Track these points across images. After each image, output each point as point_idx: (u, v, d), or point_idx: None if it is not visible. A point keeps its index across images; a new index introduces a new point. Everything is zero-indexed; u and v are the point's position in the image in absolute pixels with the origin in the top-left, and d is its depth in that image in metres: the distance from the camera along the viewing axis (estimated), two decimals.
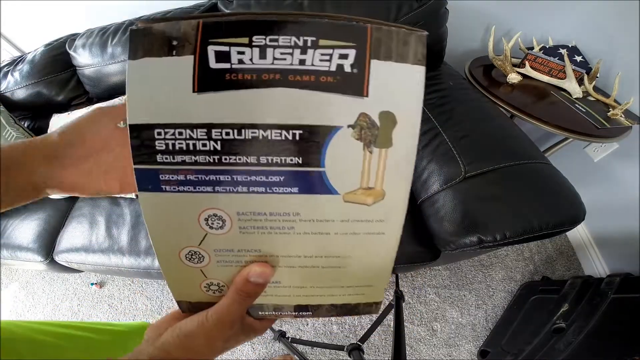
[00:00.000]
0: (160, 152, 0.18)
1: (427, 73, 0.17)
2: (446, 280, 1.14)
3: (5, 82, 1.11)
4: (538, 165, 0.63)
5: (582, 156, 1.11)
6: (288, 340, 0.86)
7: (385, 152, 0.17)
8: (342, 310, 0.24)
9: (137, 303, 1.25)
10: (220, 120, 0.17)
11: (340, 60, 0.16)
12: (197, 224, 0.20)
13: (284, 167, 0.18)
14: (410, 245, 0.73)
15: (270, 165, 0.18)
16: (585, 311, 0.77)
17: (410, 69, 0.16)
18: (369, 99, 0.17)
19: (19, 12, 1.12)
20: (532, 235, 0.56)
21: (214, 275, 0.22)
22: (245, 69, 0.16)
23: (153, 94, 0.17)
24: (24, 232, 1.02)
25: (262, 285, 0.22)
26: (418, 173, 0.73)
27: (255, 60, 0.16)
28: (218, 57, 0.16)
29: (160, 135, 0.17)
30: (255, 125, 0.17)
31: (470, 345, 1.01)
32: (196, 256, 0.21)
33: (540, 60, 0.96)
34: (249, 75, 0.16)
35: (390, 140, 0.17)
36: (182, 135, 0.17)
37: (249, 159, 0.18)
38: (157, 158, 0.18)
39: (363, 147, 0.17)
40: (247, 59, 0.16)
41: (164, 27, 0.16)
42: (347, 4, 0.82)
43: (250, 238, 0.20)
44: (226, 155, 0.18)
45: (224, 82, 0.16)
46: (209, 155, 0.18)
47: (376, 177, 0.18)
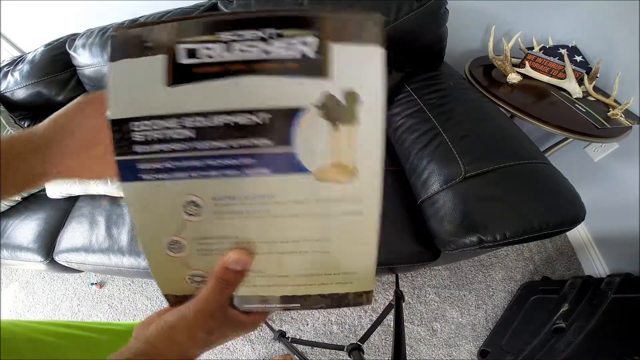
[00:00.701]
0: (137, 143, 0.19)
1: (427, 73, 0.17)
2: (446, 280, 1.14)
3: (5, 82, 1.11)
4: (538, 165, 0.63)
5: (582, 156, 1.11)
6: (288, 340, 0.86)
7: (353, 129, 0.18)
8: (331, 301, 0.23)
9: (137, 303, 1.25)
10: (192, 110, 0.18)
11: (303, 47, 0.17)
12: (176, 211, 0.20)
13: (254, 149, 0.19)
14: (410, 245, 0.73)
15: (241, 148, 0.19)
16: (585, 311, 0.77)
17: (369, 50, 0.17)
18: (333, 80, 0.18)
19: (19, 12, 1.12)
20: (532, 235, 0.56)
21: (196, 266, 0.22)
22: (213, 62, 0.18)
23: (131, 91, 0.18)
24: (24, 232, 1.02)
25: (241, 273, 0.22)
26: (418, 173, 0.73)
27: (222, 54, 0.18)
28: (188, 53, 0.18)
29: (137, 128, 0.19)
30: (225, 112, 0.18)
31: (470, 345, 1.01)
32: (177, 245, 0.21)
33: (540, 60, 0.96)
34: (217, 67, 0.18)
35: (356, 117, 0.18)
36: (157, 126, 0.19)
37: (220, 144, 0.19)
38: (135, 149, 0.19)
39: (330, 126, 0.18)
40: (215, 54, 0.18)
41: (139, 31, 0.18)
42: (347, 4, 0.82)
43: (227, 224, 0.21)
44: (199, 142, 0.19)
45: (194, 75, 0.18)
46: (183, 143, 0.19)
47: (346, 155, 0.19)
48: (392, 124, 0.90)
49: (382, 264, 0.74)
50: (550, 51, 1.00)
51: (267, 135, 0.18)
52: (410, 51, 0.90)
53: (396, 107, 0.91)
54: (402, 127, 0.85)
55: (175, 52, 0.18)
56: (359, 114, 0.18)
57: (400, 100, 0.91)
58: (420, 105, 0.84)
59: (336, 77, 0.18)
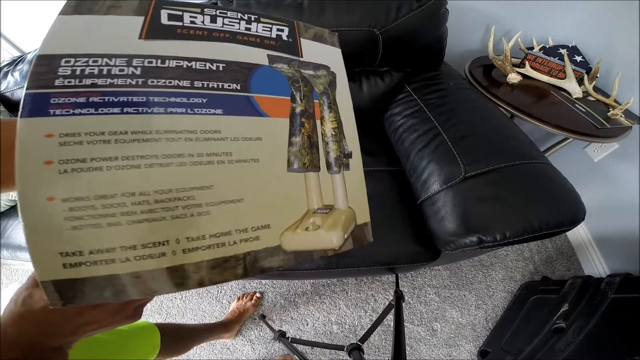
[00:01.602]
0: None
1: (427, 73, 0.18)
2: (446, 280, 1.14)
3: (5, 82, 1.11)
4: (538, 165, 0.63)
5: (582, 156, 1.11)
6: (288, 340, 0.86)
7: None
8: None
9: None
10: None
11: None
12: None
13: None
14: (410, 245, 0.73)
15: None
16: (585, 311, 0.77)
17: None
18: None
19: (19, 12, 1.12)
20: (532, 235, 0.56)
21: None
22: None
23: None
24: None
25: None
26: (418, 173, 0.73)
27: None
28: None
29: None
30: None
31: (470, 345, 1.01)
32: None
33: (540, 60, 0.96)
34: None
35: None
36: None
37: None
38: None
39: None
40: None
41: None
42: (347, 4, 0.82)
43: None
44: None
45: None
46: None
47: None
48: (392, 124, 0.90)
49: (382, 264, 0.74)
50: (550, 51, 1.00)
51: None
52: (410, 51, 0.90)
53: (396, 107, 0.91)
54: (402, 127, 0.85)
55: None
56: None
57: (400, 100, 0.91)
58: (420, 105, 0.84)
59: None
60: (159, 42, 0.19)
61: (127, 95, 0.18)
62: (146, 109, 0.18)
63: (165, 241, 0.18)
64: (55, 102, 0.17)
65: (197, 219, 0.18)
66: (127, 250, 0.17)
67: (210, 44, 0.19)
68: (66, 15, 0.18)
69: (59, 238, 0.16)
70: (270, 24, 0.21)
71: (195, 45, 0.19)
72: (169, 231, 0.18)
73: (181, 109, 0.18)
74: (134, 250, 0.17)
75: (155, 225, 0.17)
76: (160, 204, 0.17)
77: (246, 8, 0.88)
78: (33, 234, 0.16)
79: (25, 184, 0.16)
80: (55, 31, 0.18)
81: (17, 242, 1.00)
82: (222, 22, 0.20)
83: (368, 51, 0.88)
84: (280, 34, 0.21)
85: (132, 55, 0.18)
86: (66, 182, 0.17)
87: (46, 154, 0.16)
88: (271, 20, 0.21)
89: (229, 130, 0.19)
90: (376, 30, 0.83)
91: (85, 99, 0.17)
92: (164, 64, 0.18)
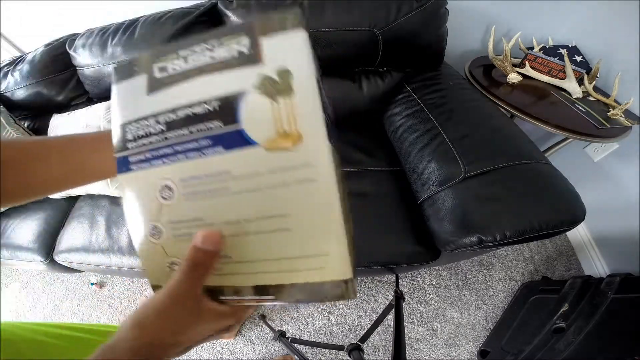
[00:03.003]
0: (129, 141, 0.24)
1: (427, 73, 0.18)
2: (446, 280, 1.14)
3: (5, 82, 1.11)
4: (538, 165, 0.63)
5: (582, 156, 1.11)
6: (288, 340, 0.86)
7: (290, 99, 0.20)
8: (307, 293, 0.22)
9: (137, 303, 1.25)
10: (163, 108, 0.23)
11: (239, 47, 0.22)
12: (154, 195, 0.23)
13: (209, 131, 0.22)
14: (410, 245, 0.73)
15: (200, 132, 0.22)
16: (585, 311, 0.77)
17: (292, 34, 0.21)
18: (265, 63, 0.21)
19: (19, 12, 1.12)
20: (532, 235, 0.56)
21: (172, 252, 0.24)
22: (176, 73, 0.23)
23: (125, 102, 0.25)
24: (24, 232, 1.02)
25: (212, 253, 0.21)
26: (418, 173, 0.73)
27: (181, 66, 0.23)
28: (160, 70, 0.24)
29: (129, 129, 0.24)
30: (186, 106, 0.23)
31: (470, 345, 1.01)
32: (156, 230, 0.24)
33: (540, 60, 0.96)
34: (179, 76, 0.23)
35: (291, 88, 0.20)
36: (141, 125, 0.24)
37: (184, 132, 0.23)
38: (128, 145, 0.24)
39: (270, 100, 0.21)
40: (178, 67, 0.23)
41: (130, 60, 0.25)
42: (347, 4, 0.82)
43: (194, 205, 0.23)
44: (169, 133, 0.23)
45: (164, 84, 0.23)
46: (158, 135, 0.23)
47: (288, 122, 0.21)
48: (392, 124, 0.90)
49: (382, 264, 0.74)
50: (550, 51, 1.00)
51: (218, 118, 0.22)
52: (410, 51, 0.90)
53: (396, 107, 0.91)
54: (402, 127, 0.85)
55: (152, 70, 0.24)
56: (293, 85, 0.20)
57: (400, 100, 0.91)
58: (420, 105, 0.84)
59: (268, 61, 0.21)
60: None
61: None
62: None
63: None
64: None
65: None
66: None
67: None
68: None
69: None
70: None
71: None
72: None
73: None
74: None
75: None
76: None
77: (246, 9, 0.88)
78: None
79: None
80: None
81: (17, 242, 1.00)
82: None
83: (368, 51, 0.88)
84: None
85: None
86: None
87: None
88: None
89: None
90: (376, 30, 0.83)
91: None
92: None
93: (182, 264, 0.21)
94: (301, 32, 0.21)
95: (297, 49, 0.21)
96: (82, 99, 1.15)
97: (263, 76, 0.21)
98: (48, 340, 0.43)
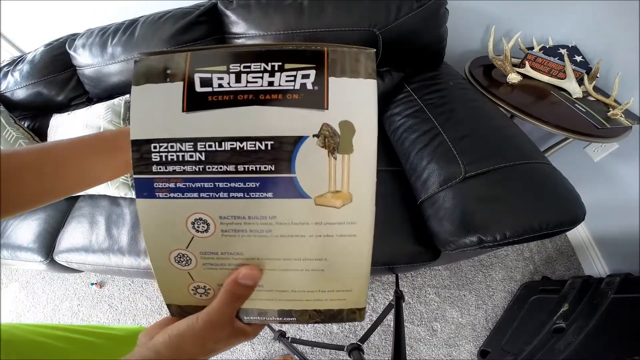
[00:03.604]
0: (155, 164, 0.21)
1: (427, 73, 0.18)
2: (446, 280, 1.14)
3: (5, 82, 1.11)
4: (538, 165, 0.63)
5: (582, 156, 1.11)
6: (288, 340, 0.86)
7: (348, 157, 0.20)
8: (326, 317, 0.25)
9: (137, 303, 1.25)
10: (204, 135, 0.20)
11: (303, 80, 0.19)
12: (185, 227, 0.21)
13: (259, 174, 0.20)
14: (410, 245, 0.73)
15: (247, 172, 0.20)
16: (585, 311, 0.77)
17: (363, 83, 0.19)
18: (330, 111, 0.19)
19: (19, 12, 1.12)
20: (532, 235, 0.56)
21: (200, 279, 0.23)
22: (224, 91, 0.20)
23: (151, 114, 0.20)
24: (24, 232, 1.02)
25: (251, 288, 0.23)
26: (418, 173, 0.73)
27: (232, 84, 0.20)
28: (202, 83, 0.20)
29: (155, 149, 0.20)
30: (233, 138, 0.20)
31: (470, 345, 1.01)
32: (184, 259, 0.23)
33: (540, 60, 0.96)
34: (227, 96, 0.20)
35: (351, 146, 0.19)
36: (173, 148, 0.20)
37: (228, 168, 0.20)
38: (153, 169, 0.21)
39: (328, 154, 0.20)
40: (225, 83, 0.20)
41: (161, 58, 0.20)
42: (347, 4, 0.82)
43: (233, 241, 0.22)
44: (209, 165, 0.20)
45: (207, 103, 0.20)
46: (195, 165, 0.20)
47: (342, 181, 0.20)
48: (392, 124, 0.90)
49: (382, 264, 0.74)
50: (550, 51, 1.00)
51: (270, 161, 0.20)
52: (410, 51, 0.90)
53: (396, 107, 0.91)
54: (402, 127, 0.85)
55: (192, 80, 0.20)
56: (354, 143, 0.19)
57: (400, 100, 0.91)
58: (420, 105, 0.84)
59: (332, 108, 0.19)
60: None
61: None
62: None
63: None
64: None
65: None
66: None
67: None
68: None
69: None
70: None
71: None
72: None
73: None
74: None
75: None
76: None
77: (246, 9, 0.88)
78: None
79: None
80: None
81: (17, 242, 1.00)
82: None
83: None
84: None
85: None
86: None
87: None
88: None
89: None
90: (376, 30, 0.83)
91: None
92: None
93: (221, 294, 0.22)
94: (371, 81, 0.19)
95: (365, 101, 0.19)
96: (82, 99, 1.15)
97: (325, 125, 0.19)
98: (47, 341, 0.43)
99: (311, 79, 0.19)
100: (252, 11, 0.87)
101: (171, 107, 0.20)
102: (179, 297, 0.24)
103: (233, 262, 0.22)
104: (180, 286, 0.24)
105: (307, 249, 0.22)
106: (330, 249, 0.22)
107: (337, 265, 0.23)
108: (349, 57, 0.19)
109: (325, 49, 0.19)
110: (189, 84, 0.20)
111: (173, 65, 0.20)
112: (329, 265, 0.23)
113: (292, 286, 0.23)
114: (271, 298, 0.24)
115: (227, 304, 0.22)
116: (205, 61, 0.20)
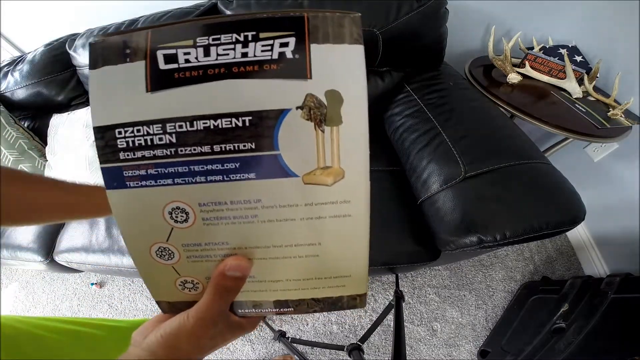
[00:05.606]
0: (122, 150, 0.19)
1: (427, 73, 0.17)
2: (446, 280, 1.14)
3: (5, 82, 1.11)
4: (538, 165, 0.63)
5: (582, 156, 1.11)
6: (288, 340, 0.86)
7: (337, 130, 0.18)
8: (325, 305, 0.23)
9: (137, 303, 1.25)
10: (173, 115, 0.18)
11: (281, 49, 0.17)
12: (162, 218, 0.20)
13: (238, 153, 0.18)
14: (410, 245, 0.73)
15: (225, 152, 0.18)
16: (585, 311, 0.77)
17: (348, 49, 0.17)
18: (313, 80, 0.17)
19: (19, 12, 1.12)
20: (532, 235, 0.56)
21: (186, 273, 0.22)
22: (191, 67, 0.18)
23: (112, 98, 0.18)
24: (24, 232, 1.02)
25: (241, 279, 0.21)
26: (418, 173, 0.73)
27: (200, 58, 0.17)
28: (166, 59, 0.18)
29: (120, 135, 0.18)
30: (205, 116, 0.18)
31: (470, 345, 1.01)
32: (166, 252, 0.21)
33: (540, 60, 0.96)
34: (196, 72, 0.18)
35: (340, 117, 0.18)
36: (140, 132, 0.18)
37: (203, 149, 0.18)
38: (120, 156, 0.19)
39: (314, 127, 0.18)
40: (193, 58, 0.17)
41: (118, 38, 0.18)
42: (346, 4, 0.82)
43: (216, 230, 0.20)
44: (181, 147, 0.18)
45: (173, 80, 0.18)
46: (165, 148, 0.18)
47: (332, 156, 0.18)
48: (392, 124, 0.90)
49: (382, 264, 0.74)
50: (550, 51, 1.00)
51: (250, 138, 0.18)
52: (410, 51, 0.90)
53: (396, 107, 0.91)
54: (402, 127, 0.85)
55: (154, 57, 0.18)
56: (342, 113, 0.18)
57: (400, 100, 0.91)
58: (420, 105, 0.84)
59: (316, 77, 0.17)
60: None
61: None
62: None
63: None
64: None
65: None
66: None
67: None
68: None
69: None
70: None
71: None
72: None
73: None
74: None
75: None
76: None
77: (246, 9, 0.88)
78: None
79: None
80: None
81: (17, 242, 1.00)
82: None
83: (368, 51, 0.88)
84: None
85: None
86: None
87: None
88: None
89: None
90: (376, 30, 0.83)
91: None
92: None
93: (209, 288, 0.21)
94: (358, 47, 0.17)
95: (351, 68, 0.17)
96: (82, 99, 1.15)
97: (309, 95, 0.17)
98: (48, 335, 0.43)
99: (291, 47, 0.17)
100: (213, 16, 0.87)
101: (134, 88, 0.18)
102: (167, 293, 0.23)
103: (219, 253, 0.21)
104: (167, 282, 0.22)
105: (298, 234, 0.20)
106: (324, 232, 0.20)
107: (332, 249, 0.21)
108: (331, 22, 0.17)
109: (305, 14, 0.17)
110: (152, 61, 0.18)
111: (132, 44, 0.18)
112: (323, 250, 0.21)
113: (286, 275, 0.22)
114: (265, 289, 0.23)
115: (216, 298, 0.21)
116: (168, 36, 0.18)
